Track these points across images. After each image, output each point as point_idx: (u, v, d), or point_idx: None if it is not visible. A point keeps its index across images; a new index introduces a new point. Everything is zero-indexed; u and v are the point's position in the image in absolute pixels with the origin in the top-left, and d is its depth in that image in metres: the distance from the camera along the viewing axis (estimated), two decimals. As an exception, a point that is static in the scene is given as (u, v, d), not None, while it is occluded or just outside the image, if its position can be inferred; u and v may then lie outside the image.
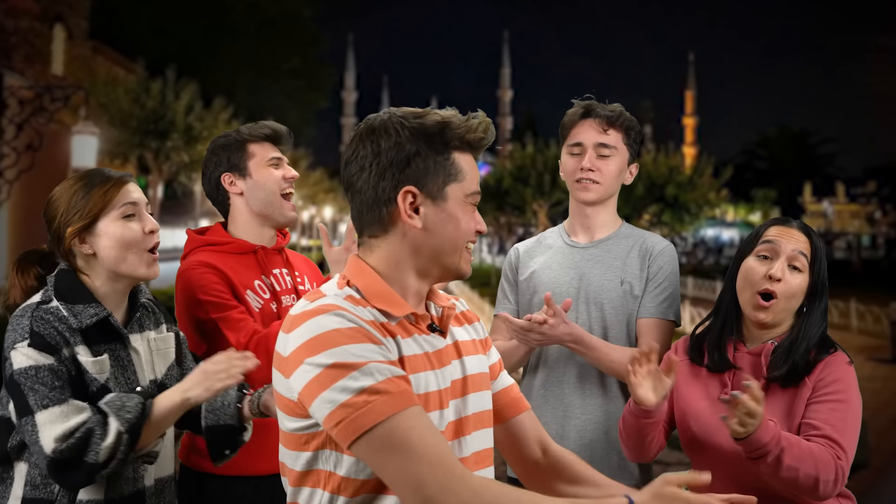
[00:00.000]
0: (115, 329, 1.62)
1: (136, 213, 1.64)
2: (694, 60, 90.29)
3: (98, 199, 1.61)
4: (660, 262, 2.11)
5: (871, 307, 15.34)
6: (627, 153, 2.16)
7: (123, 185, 1.64)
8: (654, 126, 79.00)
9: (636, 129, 2.18)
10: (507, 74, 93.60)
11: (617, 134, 2.13)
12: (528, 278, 2.21)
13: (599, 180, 2.12)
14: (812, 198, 74.60)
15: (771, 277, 1.67)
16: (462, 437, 1.26)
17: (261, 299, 2.05)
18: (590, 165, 2.10)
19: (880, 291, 19.07)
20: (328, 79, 44.61)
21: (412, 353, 1.21)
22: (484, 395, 1.32)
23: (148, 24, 31.67)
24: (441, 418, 1.22)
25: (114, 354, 1.61)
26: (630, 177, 2.20)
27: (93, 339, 1.58)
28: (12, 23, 16.90)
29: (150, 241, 1.64)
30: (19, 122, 9.87)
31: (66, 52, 19.61)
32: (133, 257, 1.62)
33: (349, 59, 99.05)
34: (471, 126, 1.25)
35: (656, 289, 2.09)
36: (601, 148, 2.11)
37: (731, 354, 1.76)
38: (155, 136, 15.96)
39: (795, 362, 1.66)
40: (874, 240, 68.43)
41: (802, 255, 1.68)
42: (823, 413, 1.61)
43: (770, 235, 1.72)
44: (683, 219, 24.28)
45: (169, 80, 16.77)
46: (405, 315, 1.23)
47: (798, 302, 1.71)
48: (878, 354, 12.00)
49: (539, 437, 1.41)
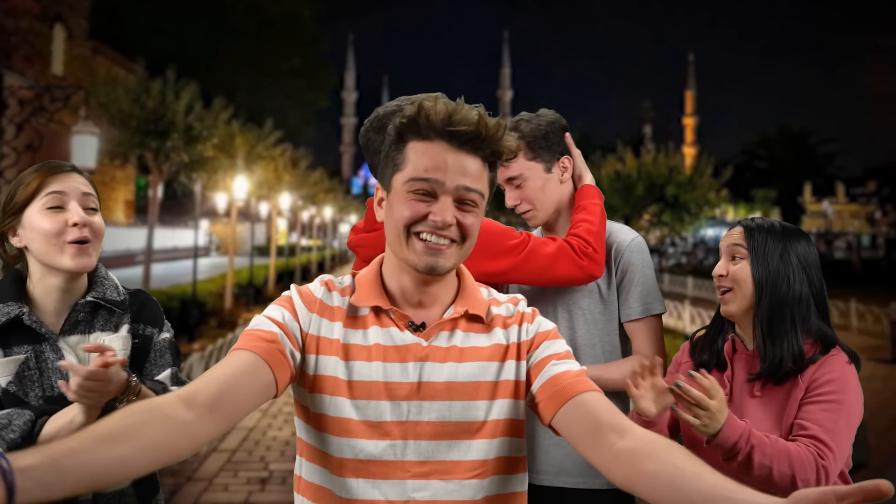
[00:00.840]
0: (34, 329, 1.53)
1: (61, 205, 1.55)
2: (694, 60, 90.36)
3: (23, 190, 1.56)
4: (628, 257, 2.01)
5: (871, 307, 15.36)
6: (540, 164, 2.06)
7: (52, 176, 1.57)
8: (654, 126, 79.01)
9: (539, 129, 2.05)
10: (507, 74, 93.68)
11: (519, 159, 2.04)
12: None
13: (530, 207, 2.08)
14: (812, 198, 74.66)
15: (716, 276, 1.78)
16: (411, 440, 1.22)
17: None
18: (513, 202, 2.08)
19: (880, 291, 19.10)
20: (328, 79, 44.65)
21: (368, 342, 1.25)
22: (469, 406, 1.24)
23: (148, 24, 31.69)
24: (379, 409, 1.22)
25: (40, 356, 1.52)
26: (565, 173, 2.09)
27: (9, 340, 1.51)
28: (12, 23, 16.90)
29: (72, 234, 1.55)
30: (19, 122, 9.88)
31: (66, 52, 19.61)
32: (54, 249, 1.54)
33: (349, 59, 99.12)
34: (429, 112, 1.22)
35: (635, 287, 2.00)
36: (510, 182, 2.06)
37: (728, 353, 1.78)
38: (155, 136, 15.95)
39: (773, 362, 1.66)
40: (874, 240, 68.49)
41: (736, 245, 1.76)
42: (814, 413, 1.62)
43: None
44: (683, 219, 24.26)
45: (169, 80, 16.76)
46: (372, 307, 1.28)
47: (752, 289, 1.73)
48: (878, 354, 12.01)
49: (613, 421, 1.15)
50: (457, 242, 1.24)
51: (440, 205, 1.22)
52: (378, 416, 1.22)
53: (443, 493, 1.22)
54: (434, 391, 1.24)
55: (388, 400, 1.23)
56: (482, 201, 1.27)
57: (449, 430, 1.23)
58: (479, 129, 1.22)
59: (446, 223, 1.22)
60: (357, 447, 1.22)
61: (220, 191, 18.57)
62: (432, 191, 1.22)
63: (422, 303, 1.30)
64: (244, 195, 18.70)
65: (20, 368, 1.50)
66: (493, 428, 1.26)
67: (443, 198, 1.22)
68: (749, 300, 1.73)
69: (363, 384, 1.23)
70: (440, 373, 1.25)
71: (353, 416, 1.22)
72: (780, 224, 1.77)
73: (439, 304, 1.31)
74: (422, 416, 1.23)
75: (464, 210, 1.24)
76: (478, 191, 1.24)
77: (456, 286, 1.35)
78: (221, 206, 19.86)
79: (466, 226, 1.24)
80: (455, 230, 1.24)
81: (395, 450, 1.22)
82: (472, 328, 1.30)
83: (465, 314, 1.30)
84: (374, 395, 1.23)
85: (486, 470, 1.24)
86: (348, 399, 1.23)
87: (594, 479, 2.01)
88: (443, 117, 1.22)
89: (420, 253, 1.23)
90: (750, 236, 1.74)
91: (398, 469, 1.22)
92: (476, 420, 1.25)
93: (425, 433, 1.23)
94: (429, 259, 1.23)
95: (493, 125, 1.24)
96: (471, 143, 1.23)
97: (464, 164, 1.23)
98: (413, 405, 1.23)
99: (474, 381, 1.26)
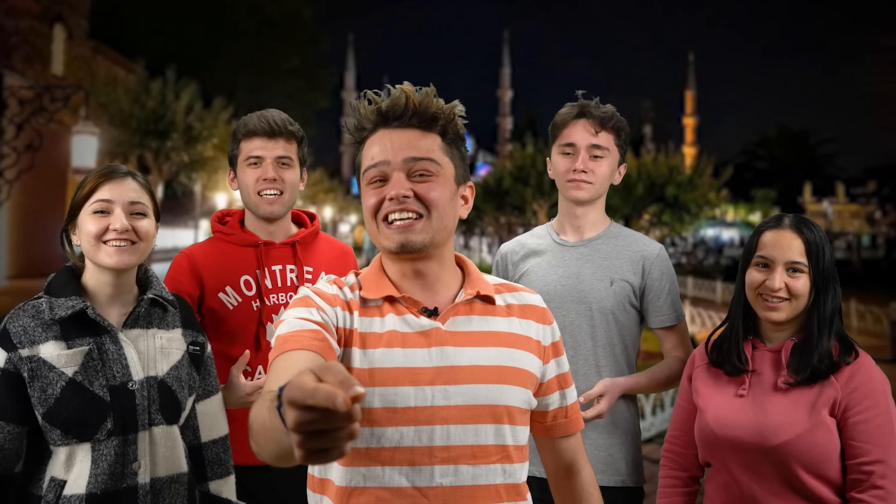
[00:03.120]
0: (97, 322, 1.63)
1: (107, 211, 1.67)
2: (694, 60, 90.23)
3: (79, 193, 1.69)
4: (659, 267, 2.14)
5: (871, 307, 15.36)
6: (618, 154, 2.19)
7: (103, 182, 1.68)
8: (654, 126, 78.97)
9: (626, 130, 2.21)
10: (507, 74, 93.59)
11: (608, 135, 2.15)
12: (521, 279, 2.21)
13: (592, 181, 2.14)
14: (812, 198, 74.58)
15: (771, 290, 1.72)
16: (438, 425, 1.22)
17: (238, 298, 2.08)
18: (583, 166, 2.13)
19: (880, 291, 19.08)
20: (328, 79, 44.63)
21: (385, 329, 1.26)
22: (491, 389, 1.26)
23: (148, 24, 31.69)
24: (404, 395, 1.22)
25: (101, 347, 1.62)
26: (618, 177, 2.23)
27: (71, 332, 1.61)
28: (12, 23, 16.91)
29: (110, 236, 1.66)
30: (19, 122, 9.87)
31: (66, 52, 19.61)
32: (94, 249, 1.66)
33: (349, 59, 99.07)
34: (359, 108, 1.28)
35: (667, 296, 2.13)
36: (594, 149, 2.14)
37: (749, 354, 1.78)
38: (155, 136, 15.96)
39: (819, 360, 1.67)
40: (874, 240, 68.42)
41: (797, 261, 1.71)
42: (867, 433, 1.63)
43: (765, 243, 1.75)
44: (683, 219, 24.26)
45: (169, 80, 16.77)
46: (385, 297, 1.28)
47: (807, 298, 1.73)
48: (878, 354, 11.99)
49: (569, 461, 1.46)
50: (424, 216, 1.25)
51: (391, 182, 1.25)
52: (404, 402, 1.21)
53: (468, 477, 1.22)
54: (458, 375, 1.24)
55: (412, 385, 1.22)
56: (440, 169, 1.27)
57: (475, 414, 1.24)
58: (406, 102, 1.25)
59: (400, 195, 1.23)
60: (384, 436, 1.21)
61: (220, 191, 18.57)
62: (384, 174, 1.26)
63: (429, 287, 1.31)
64: (244, 195, 18.61)
65: (84, 359, 1.59)
66: (517, 414, 1.29)
67: (393, 175, 1.25)
68: (801, 309, 1.73)
69: (385, 371, 1.23)
70: (463, 357, 1.26)
71: (375, 404, 1.21)
72: (821, 231, 1.76)
73: (447, 290, 1.32)
74: (448, 401, 1.23)
75: (420, 181, 1.25)
76: (427, 158, 1.25)
77: (461, 274, 1.36)
78: (221, 206, 19.85)
79: (425, 196, 1.25)
80: (415, 202, 1.24)
81: (420, 435, 1.21)
82: (488, 311, 1.32)
83: (478, 295, 1.31)
84: (398, 381, 1.22)
85: (508, 455, 1.27)
86: (371, 387, 1.22)
87: (609, 476, 2.03)
88: (372, 107, 1.27)
89: (390, 235, 1.25)
90: (811, 254, 1.71)
91: (425, 455, 1.21)
92: (501, 403, 1.26)
93: (452, 417, 1.23)
94: (398, 237, 1.24)
95: (421, 94, 1.26)
96: (403, 117, 1.26)
97: (407, 140, 1.26)
98: (438, 389, 1.23)
99: (498, 366, 1.27)
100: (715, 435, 1.74)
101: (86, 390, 1.58)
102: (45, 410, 1.56)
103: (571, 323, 2.11)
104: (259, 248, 2.13)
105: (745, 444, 1.69)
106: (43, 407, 1.56)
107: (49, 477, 1.58)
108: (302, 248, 2.19)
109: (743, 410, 1.71)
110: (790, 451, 1.63)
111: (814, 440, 1.63)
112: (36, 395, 1.56)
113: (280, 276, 2.14)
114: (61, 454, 1.58)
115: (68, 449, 1.58)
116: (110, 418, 1.58)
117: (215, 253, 2.12)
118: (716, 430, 1.74)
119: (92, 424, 1.57)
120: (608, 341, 2.11)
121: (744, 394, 1.73)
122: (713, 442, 1.75)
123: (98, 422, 1.57)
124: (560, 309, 2.10)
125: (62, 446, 1.58)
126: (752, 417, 1.69)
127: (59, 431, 1.56)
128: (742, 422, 1.70)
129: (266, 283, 2.11)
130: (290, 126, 2.15)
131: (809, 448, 1.63)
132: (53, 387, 1.56)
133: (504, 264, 2.29)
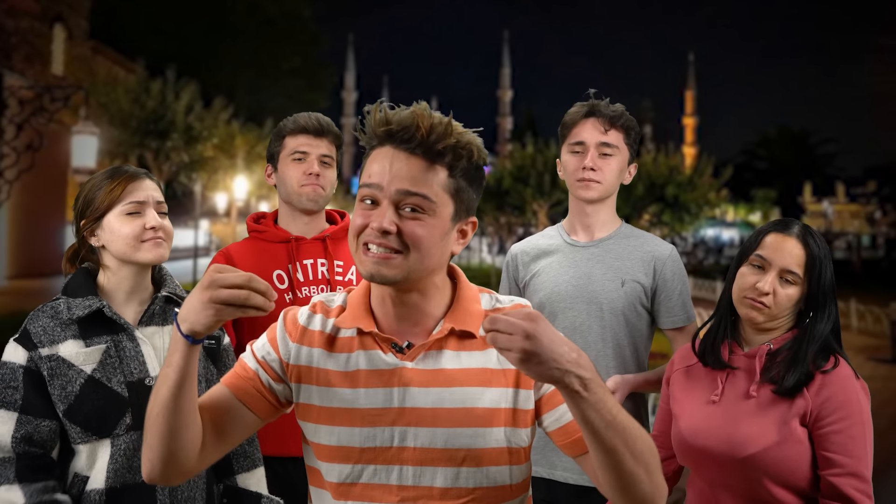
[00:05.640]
0: (113, 320, 1.67)
1: (140, 211, 1.72)
2: (694, 60, 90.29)
3: (105, 196, 1.71)
4: (671, 267, 2.13)
5: (871, 307, 15.36)
6: (628, 153, 2.19)
7: (131, 184, 1.73)
8: (654, 126, 78.96)
9: (636, 129, 2.21)
10: (507, 74, 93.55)
11: (618, 134, 2.15)
12: (532, 280, 2.21)
13: (601, 179, 2.14)
14: (812, 198, 74.59)
15: (760, 291, 1.67)
16: (395, 465, 1.20)
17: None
18: (592, 164, 2.12)
19: (880, 291, 19.09)
20: (328, 79, 44.65)
21: (349, 367, 1.23)
22: (450, 432, 1.19)
23: (148, 24, 31.71)
24: (363, 436, 1.20)
25: (118, 345, 1.67)
26: (629, 177, 2.23)
27: (89, 331, 1.66)
28: (12, 23, 16.91)
29: (148, 235, 1.72)
30: (19, 122, 9.87)
31: (66, 52, 19.62)
32: (131, 249, 1.71)
33: (349, 59, 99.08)
34: (369, 118, 1.20)
35: (679, 296, 2.13)
36: (603, 147, 2.13)
37: (725, 356, 1.75)
38: (155, 136, 15.97)
39: (798, 379, 1.63)
40: (874, 240, 68.43)
41: (793, 271, 1.67)
42: (841, 444, 1.60)
43: (766, 245, 1.70)
44: (683, 219, 24.27)
45: (169, 80, 16.77)
46: (354, 329, 1.25)
47: (790, 311, 1.69)
48: (878, 354, 12.01)
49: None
50: (403, 253, 1.16)
51: (378, 210, 1.17)
52: (362, 442, 1.20)
53: None
54: (419, 417, 1.19)
55: (371, 426, 1.20)
56: (435, 207, 1.17)
57: (434, 458, 1.19)
58: (415, 130, 1.16)
59: (381, 229, 1.15)
60: (343, 472, 1.21)
61: (220, 191, 18.58)
62: (375, 198, 1.18)
63: (407, 317, 1.24)
64: (244, 195, 18.71)
65: (102, 357, 1.64)
66: (485, 456, 1.20)
67: (383, 203, 1.17)
68: (779, 318, 1.69)
69: (345, 411, 1.21)
70: (425, 398, 1.20)
71: (335, 442, 1.21)
72: (826, 248, 1.71)
73: (428, 319, 1.24)
74: (406, 443, 1.20)
75: (409, 216, 1.16)
76: (422, 195, 1.16)
77: (449, 299, 1.27)
78: (221, 206, 19.88)
79: (410, 233, 1.16)
80: (395, 239, 1.16)
81: (379, 474, 1.20)
82: (464, 346, 1.23)
83: (453, 332, 1.23)
84: (357, 422, 1.20)
85: (475, 498, 1.20)
86: (331, 426, 1.21)
87: None
88: (380, 121, 1.18)
89: (364, 261, 1.18)
90: (810, 267, 1.67)
91: (385, 492, 1.20)
92: (462, 447, 1.19)
93: (410, 459, 1.19)
94: (371, 267, 1.17)
95: (432, 121, 1.16)
96: (410, 142, 1.16)
97: (408, 168, 1.16)
98: (398, 431, 1.20)
99: (463, 408, 1.20)
100: (687, 443, 1.72)
101: (104, 387, 1.63)
102: (65, 407, 1.61)
103: (582, 324, 2.10)
104: (291, 244, 2.21)
105: (714, 454, 1.65)
106: (63, 404, 1.61)
107: (73, 473, 1.63)
108: (332, 244, 2.26)
109: (713, 419, 1.68)
110: (758, 463, 1.60)
111: (782, 453, 1.59)
112: (56, 393, 1.61)
113: (311, 269, 2.21)
114: (83, 452, 1.63)
115: (89, 446, 1.63)
116: (129, 413, 1.63)
117: (251, 250, 2.22)
118: (688, 438, 1.71)
119: (111, 420, 1.62)
120: (618, 342, 2.10)
121: (716, 400, 1.70)
122: (686, 450, 1.73)
123: (117, 417, 1.62)
124: (571, 310, 2.10)
125: (83, 444, 1.62)
126: (723, 427, 1.65)
127: (79, 428, 1.61)
128: (713, 431, 1.66)
129: (298, 276, 2.19)
130: (334, 129, 2.27)
131: (777, 462, 1.60)
132: (73, 384, 1.61)
133: (515, 264, 2.28)
